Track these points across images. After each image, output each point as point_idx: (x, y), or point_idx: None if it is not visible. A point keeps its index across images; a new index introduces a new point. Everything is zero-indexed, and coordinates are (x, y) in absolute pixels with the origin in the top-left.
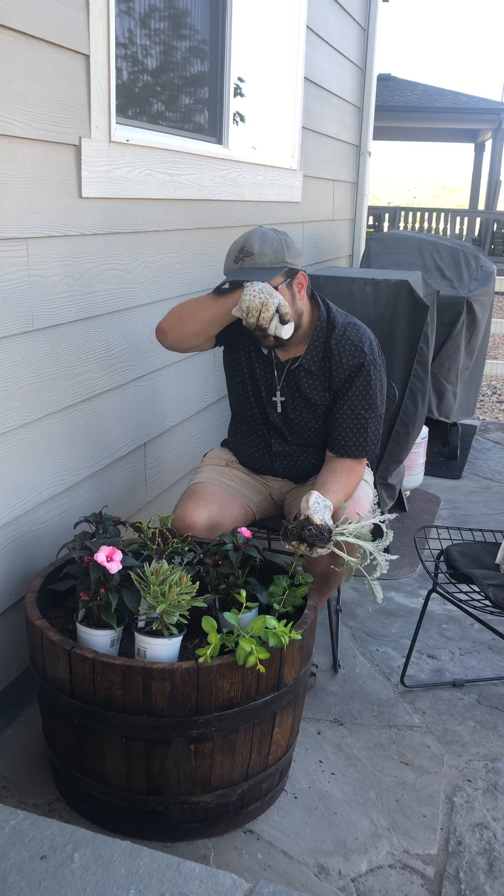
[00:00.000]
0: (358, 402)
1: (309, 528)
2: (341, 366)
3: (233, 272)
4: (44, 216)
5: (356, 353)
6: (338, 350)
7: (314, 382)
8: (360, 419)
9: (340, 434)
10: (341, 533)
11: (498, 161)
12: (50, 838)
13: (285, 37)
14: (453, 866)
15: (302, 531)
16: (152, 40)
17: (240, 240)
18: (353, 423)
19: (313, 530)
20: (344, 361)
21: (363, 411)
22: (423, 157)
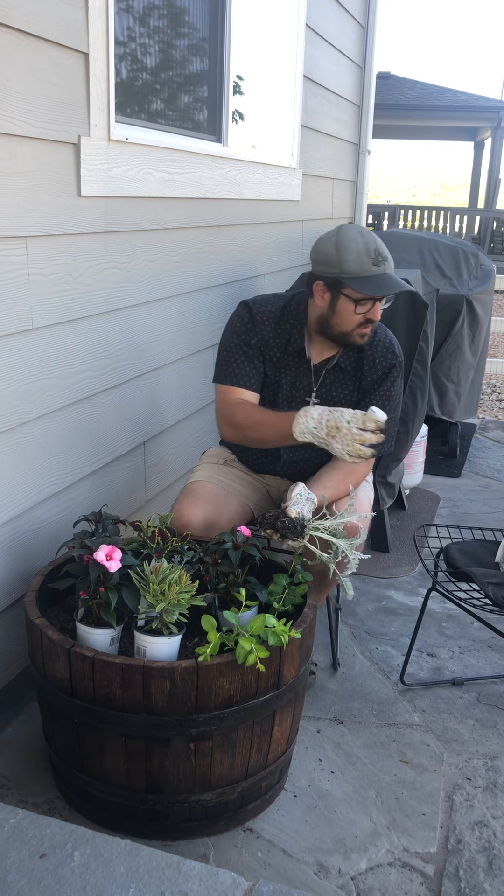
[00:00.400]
0: (380, 403)
1: (283, 519)
2: (374, 366)
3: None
4: (43, 215)
5: (389, 355)
6: (371, 351)
7: (346, 382)
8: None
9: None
10: (315, 528)
11: (497, 159)
12: (50, 837)
13: (285, 35)
14: (453, 864)
15: (276, 521)
16: (151, 38)
17: (366, 239)
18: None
19: (286, 522)
20: (377, 362)
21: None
22: (423, 156)
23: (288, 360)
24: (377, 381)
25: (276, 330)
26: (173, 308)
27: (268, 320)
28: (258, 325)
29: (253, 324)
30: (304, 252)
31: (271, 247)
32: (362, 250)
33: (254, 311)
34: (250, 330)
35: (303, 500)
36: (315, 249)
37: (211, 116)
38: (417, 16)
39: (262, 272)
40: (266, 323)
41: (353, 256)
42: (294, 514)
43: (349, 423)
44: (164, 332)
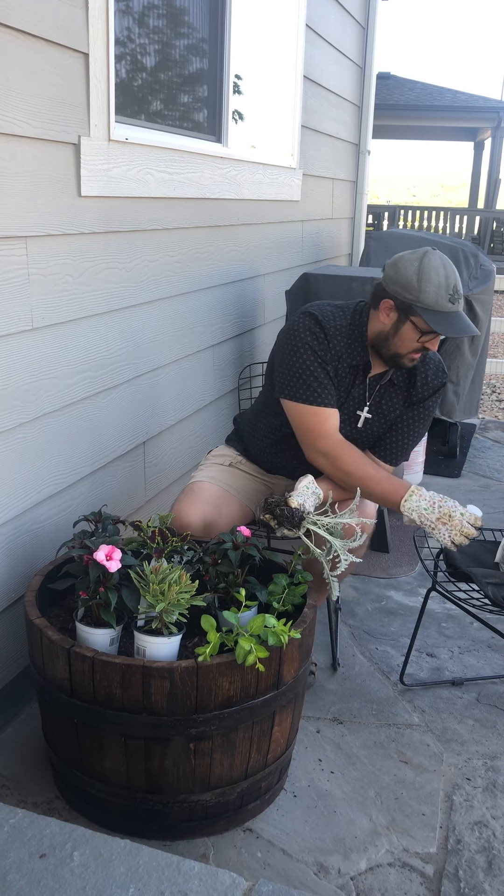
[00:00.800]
0: (419, 418)
1: (283, 507)
2: (426, 384)
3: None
4: (43, 215)
5: (440, 374)
6: (424, 368)
7: (397, 396)
8: (412, 433)
9: (392, 440)
10: (314, 522)
11: (497, 159)
12: (49, 837)
13: (284, 35)
14: (452, 864)
15: (275, 508)
16: (151, 39)
17: (448, 273)
18: (408, 434)
19: (285, 510)
20: (429, 380)
21: (419, 427)
22: (423, 156)
23: (349, 374)
24: (425, 398)
25: (347, 345)
26: (173, 308)
27: (340, 335)
28: (331, 340)
29: (326, 338)
30: (304, 252)
31: (271, 247)
32: (442, 284)
33: (325, 325)
34: (323, 343)
35: (308, 492)
36: (394, 267)
37: (211, 116)
38: (417, 16)
39: (262, 272)
40: (339, 338)
41: (433, 289)
42: (295, 504)
43: (462, 514)
44: (164, 333)
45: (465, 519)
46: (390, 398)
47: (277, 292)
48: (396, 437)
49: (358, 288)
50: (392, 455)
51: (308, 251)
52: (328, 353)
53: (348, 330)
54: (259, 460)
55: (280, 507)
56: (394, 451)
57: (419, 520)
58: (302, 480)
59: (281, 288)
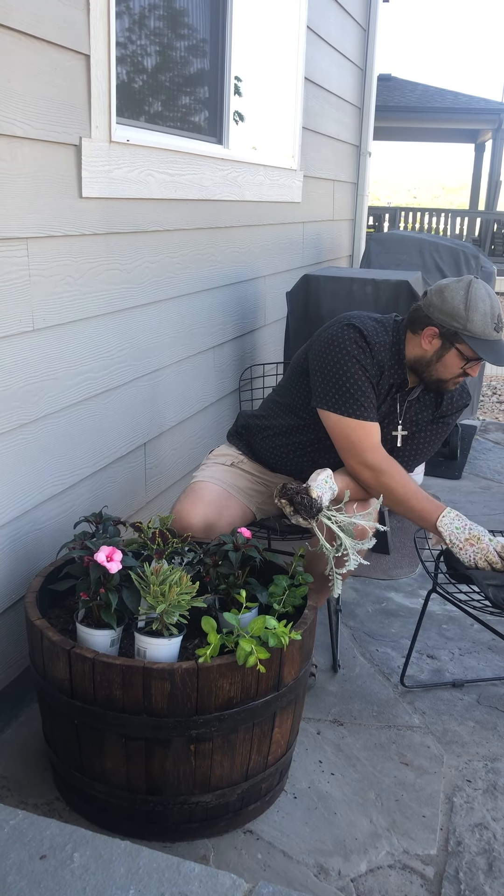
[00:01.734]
0: (439, 433)
1: (303, 495)
2: (452, 403)
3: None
4: (44, 216)
5: (465, 395)
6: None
7: (426, 411)
8: (429, 445)
9: (406, 449)
10: (329, 517)
11: (498, 161)
12: (49, 838)
13: (285, 37)
14: (453, 866)
15: (295, 495)
16: (152, 40)
17: (493, 303)
18: (422, 445)
19: (305, 499)
20: (455, 400)
21: (436, 440)
22: (424, 158)
23: (386, 391)
24: (447, 415)
25: (389, 362)
26: (174, 310)
27: (384, 351)
28: (376, 356)
29: (371, 353)
30: (304, 254)
31: (272, 248)
32: (489, 313)
33: (370, 339)
34: (369, 357)
35: (326, 486)
36: (440, 296)
37: (212, 118)
38: (418, 18)
39: (263, 274)
40: (383, 354)
41: (480, 318)
42: (315, 494)
43: (490, 541)
44: (165, 334)
45: (493, 546)
46: (417, 413)
47: (278, 294)
48: (413, 448)
49: (358, 289)
50: (405, 463)
51: (309, 253)
52: (374, 367)
53: (391, 347)
54: (265, 458)
55: (301, 494)
56: (408, 460)
57: (449, 538)
58: (321, 473)
59: (282, 289)
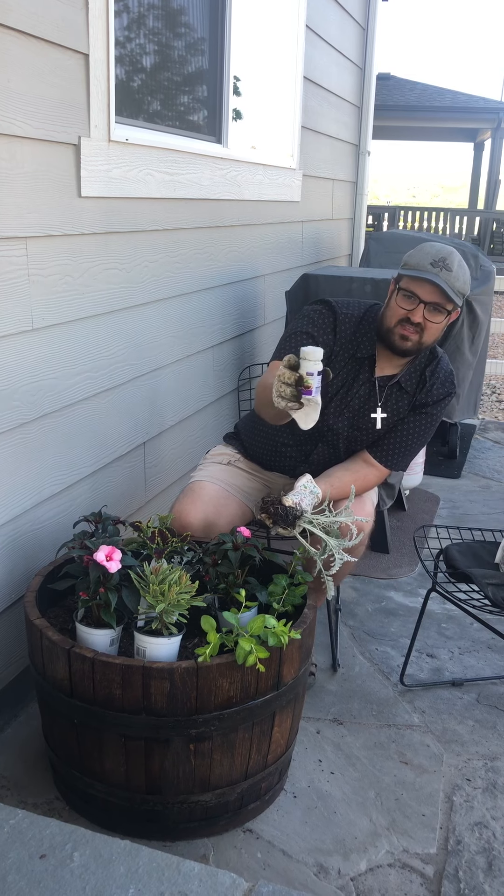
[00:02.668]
0: (421, 425)
1: (277, 506)
2: (431, 392)
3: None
4: (43, 215)
5: (447, 384)
6: (432, 378)
7: (404, 400)
8: (416, 437)
9: (391, 442)
10: (310, 521)
11: (497, 160)
12: (49, 837)
13: (284, 36)
14: (452, 865)
15: (270, 507)
16: (151, 39)
17: (439, 248)
18: (408, 437)
19: (279, 509)
20: (435, 389)
21: (422, 431)
22: (423, 157)
23: (353, 367)
24: (428, 404)
25: (355, 333)
26: (173, 309)
27: (349, 322)
28: (339, 325)
29: (335, 323)
30: (304, 253)
31: (271, 248)
32: (430, 252)
33: (338, 311)
34: (324, 328)
35: (305, 491)
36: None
37: (211, 117)
38: (417, 17)
39: (263, 273)
40: (347, 324)
41: (419, 254)
42: (290, 503)
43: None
44: (164, 333)
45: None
46: (397, 400)
47: (277, 293)
48: (395, 440)
49: (358, 288)
50: (389, 457)
51: (308, 252)
52: (330, 333)
53: (358, 320)
54: (257, 457)
55: (275, 505)
56: (391, 454)
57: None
58: (300, 479)
59: (281, 289)
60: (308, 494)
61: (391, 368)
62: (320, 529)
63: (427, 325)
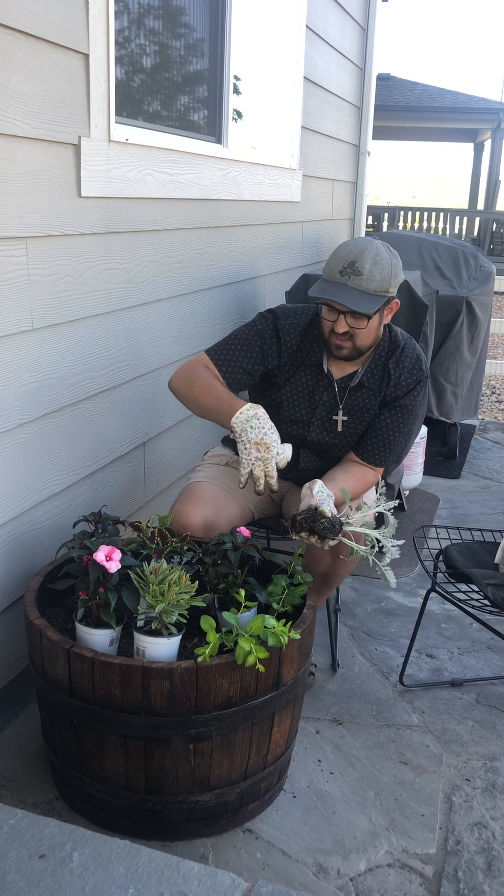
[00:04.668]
0: (398, 417)
1: (322, 521)
2: (399, 384)
3: (333, 286)
4: (43, 215)
5: (415, 371)
6: (397, 369)
7: (371, 398)
8: (395, 431)
9: (370, 439)
10: (348, 523)
11: (497, 161)
12: (49, 837)
13: (284, 36)
14: (452, 865)
15: (314, 523)
16: (151, 40)
17: (350, 249)
18: (386, 432)
19: (325, 523)
20: (403, 380)
21: (400, 424)
22: (423, 157)
23: (304, 373)
24: (399, 397)
25: (301, 342)
26: (173, 309)
27: (294, 332)
28: (283, 337)
29: (277, 336)
30: (304, 253)
31: (271, 248)
32: (341, 256)
33: (280, 322)
34: (267, 339)
35: (326, 497)
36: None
37: (211, 117)
38: (417, 17)
39: (262, 273)
40: (292, 335)
41: (332, 260)
42: (328, 513)
43: (278, 454)
44: (164, 333)
45: (278, 459)
46: (363, 399)
47: (277, 293)
48: (375, 437)
49: None
50: (373, 454)
51: (308, 252)
52: (274, 343)
53: (304, 328)
54: None
55: (318, 521)
56: (375, 451)
57: (239, 434)
58: (314, 487)
59: (281, 289)
60: (327, 498)
61: (349, 367)
62: (360, 527)
63: (355, 331)
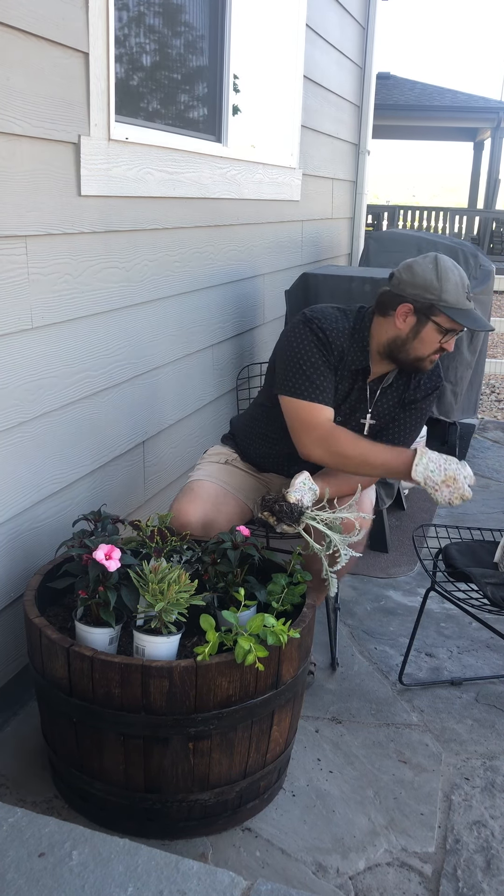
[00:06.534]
0: (413, 420)
1: (281, 503)
2: (419, 387)
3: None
4: (43, 214)
5: (434, 378)
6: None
7: (393, 397)
8: (406, 432)
9: (381, 439)
10: (313, 518)
11: (497, 160)
12: (48, 836)
13: (285, 35)
14: (451, 864)
15: (274, 504)
16: (151, 38)
17: (459, 271)
18: (398, 433)
19: (284, 506)
20: (423, 383)
21: (412, 426)
22: (423, 156)
23: (349, 379)
24: (417, 400)
25: (350, 347)
26: (173, 308)
27: (343, 337)
28: (333, 340)
29: (327, 336)
30: (303, 252)
31: (271, 247)
32: (459, 283)
33: (326, 326)
34: (325, 344)
35: (305, 488)
36: (409, 273)
37: (211, 116)
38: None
39: (262, 272)
40: (341, 339)
41: (453, 287)
42: (293, 499)
43: (465, 478)
44: (164, 332)
45: (467, 482)
46: (386, 400)
47: (277, 292)
48: (386, 437)
49: (357, 288)
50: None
51: (308, 251)
52: (333, 352)
53: (350, 333)
54: (252, 459)
55: (278, 503)
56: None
57: (425, 483)
58: (298, 477)
59: (280, 288)
60: (307, 491)
61: (382, 368)
62: (323, 525)
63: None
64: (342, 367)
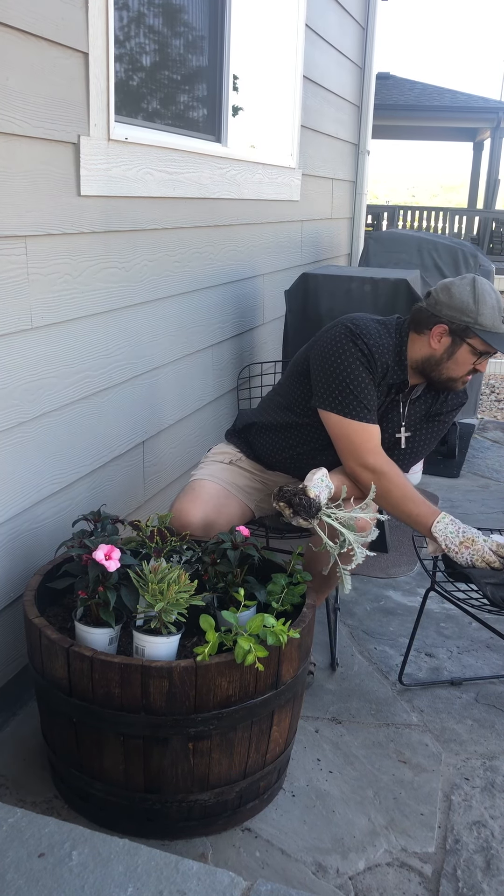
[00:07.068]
0: (435, 429)
1: (301, 496)
2: (447, 402)
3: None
4: (42, 214)
5: (461, 394)
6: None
7: (422, 411)
8: (427, 443)
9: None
10: (329, 515)
11: (496, 160)
12: (48, 836)
13: (284, 35)
14: (451, 864)
15: (293, 497)
16: (151, 38)
17: (494, 295)
18: (419, 444)
19: (304, 500)
20: (450, 399)
21: (433, 437)
22: (422, 156)
23: (384, 391)
24: (444, 413)
25: (393, 364)
26: (172, 308)
27: (387, 352)
28: (379, 357)
29: (372, 353)
30: (303, 252)
31: (271, 247)
32: (496, 306)
33: (371, 341)
34: (371, 358)
35: (322, 485)
36: (447, 294)
37: (210, 116)
38: (417, 16)
39: (262, 272)
40: (386, 355)
41: (489, 311)
42: (313, 494)
43: (484, 541)
44: (164, 332)
45: (488, 545)
46: (415, 412)
47: (277, 292)
48: (413, 446)
49: (357, 288)
50: (402, 462)
51: (307, 251)
52: (377, 369)
53: (394, 349)
54: (263, 456)
55: (298, 496)
56: (405, 459)
57: (444, 542)
58: (316, 473)
59: (280, 288)
60: (324, 488)
61: (412, 382)
62: (339, 523)
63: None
64: (383, 383)
